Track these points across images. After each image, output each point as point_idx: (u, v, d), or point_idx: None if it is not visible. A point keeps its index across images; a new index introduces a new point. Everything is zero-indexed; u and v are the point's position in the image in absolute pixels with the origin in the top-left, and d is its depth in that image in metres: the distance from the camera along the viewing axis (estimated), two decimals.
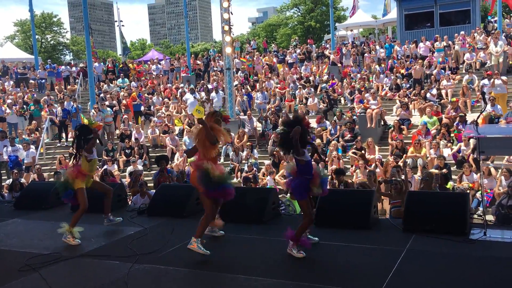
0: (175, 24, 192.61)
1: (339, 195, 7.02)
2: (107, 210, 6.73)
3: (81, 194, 6.27)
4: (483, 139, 5.65)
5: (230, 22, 17.18)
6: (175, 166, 14.42)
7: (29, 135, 17.39)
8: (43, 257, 5.58)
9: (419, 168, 12.81)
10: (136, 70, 26.10)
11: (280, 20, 63.68)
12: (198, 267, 5.15)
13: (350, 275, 4.75)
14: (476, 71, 18.92)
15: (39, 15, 61.28)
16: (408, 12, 26.36)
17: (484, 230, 5.64)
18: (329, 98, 18.05)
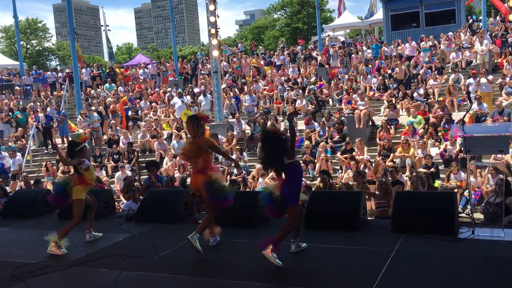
0: (162, 28, 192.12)
1: (327, 196, 7.03)
2: (89, 225, 6.51)
3: (79, 206, 6.15)
4: (469, 138, 5.68)
5: (217, 25, 17.16)
6: (164, 171, 14.34)
7: (15, 142, 17.19)
8: (30, 267, 5.49)
9: (407, 168, 12.88)
10: (123, 74, 25.95)
11: (268, 22, 63.79)
12: (187, 272, 5.11)
13: (339, 277, 4.73)
14: (462, 70, 19.09)
15: (23, 21, 60.78)
16: (394, 13, 26.55)
17: (473, 229, 5.67)
18: (317, 100, 18.09)
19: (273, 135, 5.24)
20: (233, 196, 5.67)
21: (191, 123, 5.66)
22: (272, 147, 5.08)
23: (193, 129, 5.64)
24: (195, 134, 5.65)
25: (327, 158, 13.90)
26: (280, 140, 5.07)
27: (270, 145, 5.11)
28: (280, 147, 5.04)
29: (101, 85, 24.02)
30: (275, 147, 5.05)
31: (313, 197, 6.71)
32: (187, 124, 5.75)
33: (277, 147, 5.04)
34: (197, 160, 5.57)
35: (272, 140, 5.12)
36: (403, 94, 17.29)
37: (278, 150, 5.05)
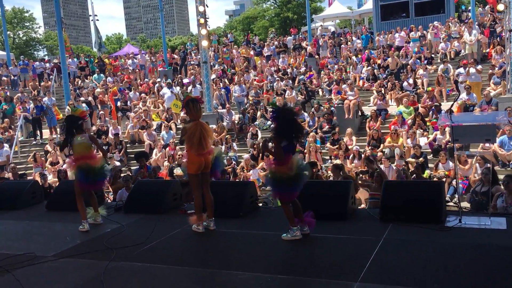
0: (151, 18, 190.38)
1: (316, 186, 7.03)
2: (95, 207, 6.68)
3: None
4: (457, 127, 5.71)
5: (206, 15, 17.04)
6: (153, 162, 14.29)
7: (2, 133, 17.00)
8: (17, 258, 5.43)
9: (396, 157, 12.95)
10: (112, 65, 25.72)
11: (257, 13, 63.50)
12: (175, 263, 5.10)
13: (327, 266, 4.75)
14: (451, 61, 19.17)
15: (9, 10, 59.82)
16: (384, 3, 26.52)
17: (460, 218, 5.71)
18: (307, 90, 18.09)
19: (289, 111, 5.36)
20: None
21: (195, 105, 5.74)
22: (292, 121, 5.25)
23: (197, 112, 5.79)
24: (199, 116, 5.81)
25: (316, 148, 13.93)
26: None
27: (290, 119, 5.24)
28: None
29: (89, 76, 23.78)
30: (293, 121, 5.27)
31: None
32: (191, 107, 5.75)
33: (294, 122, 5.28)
34: (207, 143, 5.81)
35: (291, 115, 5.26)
36: (392, 84, 17.34)
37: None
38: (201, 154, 5.75)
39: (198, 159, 5.76)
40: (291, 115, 5.26)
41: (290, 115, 5.25)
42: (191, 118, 5.83)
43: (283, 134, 5.24)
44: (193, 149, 5.75)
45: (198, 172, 5.81)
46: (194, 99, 5.86)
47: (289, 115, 5.25)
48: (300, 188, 5.30)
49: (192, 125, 5.75)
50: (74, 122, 6.37)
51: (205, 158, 5.79)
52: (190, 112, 5.80)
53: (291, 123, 5.23)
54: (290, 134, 5.24)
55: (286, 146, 5.24)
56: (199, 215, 5.91)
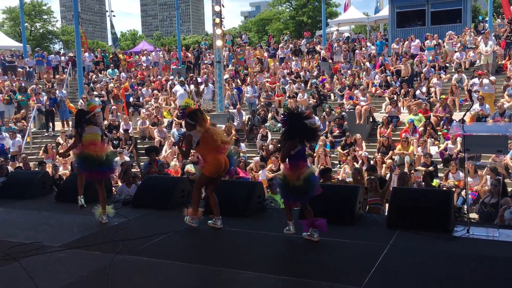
0: (167, 16, 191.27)
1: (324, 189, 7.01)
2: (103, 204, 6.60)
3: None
4: (468, 137, 5.67)
5: (222, 15, 17.10)
6: (162, 158, 14.34)
7: (16, 123, 17.19)
8: (24, 247, 5.50)
9: (406, 165, 12.88)
10: (126, 61, 25.90)
11: (272, 15, 63.49)
12: (180, 259, 5.12)
13: (332, 270, 4.75)
14: (465, 70, 19.03)
15: (28, 3, 60.40)
16: (400, 10, 26.39)
17: (467, 228, 5.67)
18: (319, 94, 18.06)
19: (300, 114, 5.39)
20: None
21: (202, 115, 5.88)
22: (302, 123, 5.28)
23: (205, 120, 5.91)
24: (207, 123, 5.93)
25: (326, 152, 13.90)
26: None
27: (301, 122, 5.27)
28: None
29: (103, 71, 23.97)
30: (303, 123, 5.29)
31: None
32: (199, 116, 5.84)
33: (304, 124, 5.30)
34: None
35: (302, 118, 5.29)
36: (405, 92, 17.26)
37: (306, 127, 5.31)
38: (223, 158, 5.81)
39: (219, 162, 5.79)
40: (302, 118, 5.26)
41: (300, 119, 5.25)
42: (200, 127, 5.80)
43: (291, 138, 5.26)
44: (214, 152, 5.78)
45: (214, 175, 5.85)
46: (199, 110, 6.06)
47: (300, 118, 5.25)
48: (304, 199, 5.31)
49: (205, 130, 5.78)
50: (83, 115, 6.46)
51: (226, 161, 5.84)
52: (199, 121, 5.81)
53: (301, 126, 5.24)
54: (299, 138, 5.25)
55: (297, 150, 5.25)
56: (195, 209, 5.98)
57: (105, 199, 6.62)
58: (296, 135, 5.25)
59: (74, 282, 4.62)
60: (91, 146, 6.33)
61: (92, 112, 6.55)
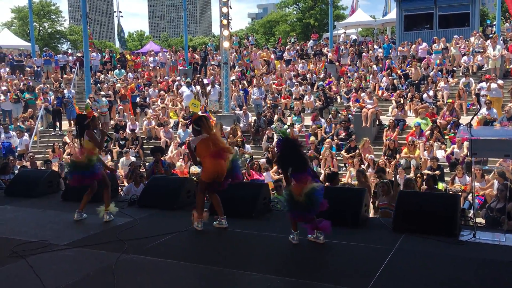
0: (175, 17, 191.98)
1: (329, 192, 7.01)
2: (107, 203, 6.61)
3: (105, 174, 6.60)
4: (476, 141, 5.65)
5: (229, 16, 17.13)
6: (168, 159, 14.38)
7: (23, 122, 17.30)
8: (31, 245, 5.53)
9: (412, 169, 12.84)
10: (133, 61, 26.00)
11: (279, 17, 63.55)
12: (185, 259, 5.13)
13: (337, 272, 4.74)
14: (473, 74, 18.95)
15: (37, 2, 60.80)
16: (408, 13, 26.34)
17: (474, 232, 5.64)
18: (325, 96, 18.04)
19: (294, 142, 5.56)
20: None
21: (207, 122, 5.97)
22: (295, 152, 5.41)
23: (210, 126, 5.95)
24: (211, 130, 5.94)
25: (332, 155, 13.88)
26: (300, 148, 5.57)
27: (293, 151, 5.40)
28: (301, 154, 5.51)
29: (111, 71, 24.08)
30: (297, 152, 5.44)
31: None
32: (204, 122, 5.93)
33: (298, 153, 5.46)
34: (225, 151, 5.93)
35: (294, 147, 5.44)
36: (412, 95, 17.21)
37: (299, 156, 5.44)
38: (219, 163, 5.81)
39: (214, 167, 5.83)
40: (295, 147, 5.45)
41: (294, 147, 5.43)
42: (205, 133, 5.88)
43: (285, 168, 5.49)
44: (211, 157, 5.82)
45: (210, 181, 5.90)
46: (205, 117, 6.11)
47: (293, 147, 5.43)
48: (308, 215, 5.31)
49: (206, 136, 5.86)
50: (84, 120, 6.48)
51: (222, 167, 5.83)
52: (204, 127, 5.89)
53: (294, 156, 5.37)
54: (292, 167, 5.37)
55: (293, 173, 5.36)
56: (200, 212, 6.01)
57: (109, 197, 6.63)
58: (289, 165, 5.41)
59: (80, 281, 4.65)
60: (80, 153, 6.42)
61: (89, 117, 6.52)
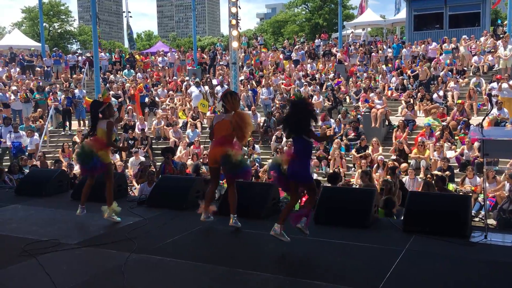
0: (183, 17, 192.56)
1: (340, 192, 6.99)
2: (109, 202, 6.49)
3: (111, 169, 6.46)
4: (487, 141, 5.60)
5: (238, 16, 17.12)
6: (177, 159, 14.41)
7: (34, 122, 17.42)
8: (42, 244, 5.57)
9: (422, 169, 12.76)
10: (142, 61, 26.10)
11: (288, 17, 63.48)
12: (194, 259, 5.13)
13: (347, 273, 4.71)
14: (483, 75, 18.80)
15: (46, 3, 61.22)
16: (418, 13, 26.19)
17: (485, 234, 5.59)
18: (334, 96, 17.99)
19: (303, 103, 5.25)
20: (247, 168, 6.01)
21: (233, 97, 5.86)
22: (302, 114, 5.14)
23: (234, 103, 5.83)
24: (235, 108, 5.84)
25: (341, 155, 13.84)
26: (309, 110, 5.19)
27: (300, 112, 5.14)
28: (309, 116, 5.17)
29: (120, 71, 24.19)
30: (304, 114, 5.14)
31: (325, 193, 6.68)
32: (229, 99, 5.84)
33: (306, 115, 5.14)
34: (233, 134, 5.79)
35: (302, 107, 5.16)
36: (421, 95, 17.11)
37: (306, 119, 5.15)
38: (216, 148, 5.86)
39: (210, 152, 6.04)
40: (305, 106, 5.20)
41: (303, 106, 5.19)
42: (228, 109, 5.91)
43: (287, 121, 5.29)
44: (214, 141, 6.00)
45: (213, 165, 6.00)
46: (233, 92, 6.07)
47: (303, 105, 5.19)
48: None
49: (227, 116, 5.88)
50: (98, 107, 6.38)
51: (214, 151, 5.85)
52: (227, 103, 5.89)
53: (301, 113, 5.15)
54: (294, 124, 5.20)
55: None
56: (206, 204, 6.08)
57: (111, 195, 6.45)
58: (291, 126, 5.24)
59: (90, 280, 4.66)
60: (93, 141, 6.36)
61: (106, 103, 6.42)
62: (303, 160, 5.22)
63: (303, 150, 5.21)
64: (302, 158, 5.20)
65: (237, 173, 5.83)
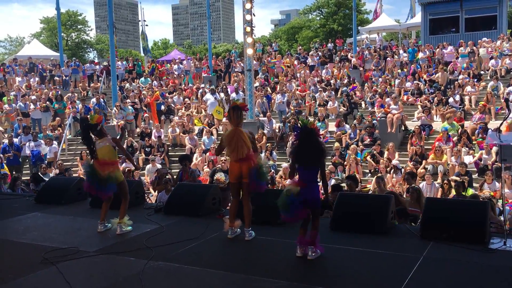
0: (198, 25, 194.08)
1: (356, 199, 6.97)
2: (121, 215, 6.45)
3: (125, 186, 6.48)
4: (505, 147, 5.54)
5: (252, 23, 17.22)
6: (193, 166, 14.50)
7: (52, 131, 17.70)
8: (61, 251, 5.65)
9: (439, 175, 12.64)
10: (158, 69, 26.37)
11: (302, 23, 63.50)
12: (211, 266, 5.17)
13: (364, 281, 4.69)
14: (501, 78, 18.57)
15: (64, 13, 62.25)
16: (433, 17, 26.01)
17: (504, 240, 5.51)
18: (349, 102, 17.94)
19: (310, 132, 5.19)
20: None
21: (236, 112, 5.83)
22: (308, 144, 5.14)
23: (237, 119, 5.85)
24: (238, 123, 5.85)
25: (356, 161, 13.78)
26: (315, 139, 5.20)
27: (307, 142, 5.15)
28: (315, 146, 5.16)
29: (136, 79, 24.46)
30: (310, 144, 5.14)
31: (342, 199, 6.67)
32: (231, 113, 5.89)
33: (312, 145, 5.14)
34: (243, 149, 5.74)
35: (309, 137, 5.15)
36: (438, 100, 16.96)
37: (313, 148, 5.14)
38: (237, 161, 5.81)
39: (234, 166, 5.88)
40: (311, 133, 5.16)
41: (309, 133, 5.15)
42: (231, 124, 5.98)
43: (295, 152, 5.30)
44: (230, 156, 5.92)
45: (235, 181, 5.92)
46: (236, 107, 5.93)
47: (309, 133, 5.15)
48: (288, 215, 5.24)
49: (230, 132, 5.89)
50: (92, 129, 6.36)
51: (242, 166, 5.79)
52: (230, 119, 5.97)
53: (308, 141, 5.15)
54: (302, 154, 5.18)
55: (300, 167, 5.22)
56: (231, 220, 6.02)
57: (124, 210, 6.45)
58: (298, 156, 5.23)
59: (109, 287, 4.73)
60: (101, 164, 6.29)
61: (99, 123, 6.39)
62: (313, 186, 5.20)
63: (312, 177, 5.22)
64: (311, 184, 5.19)
65: (262, 185, 5.90)
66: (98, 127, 6.38)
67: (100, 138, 6.41)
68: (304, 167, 5.18)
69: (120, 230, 6.37)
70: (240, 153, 5.73)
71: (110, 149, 6.35)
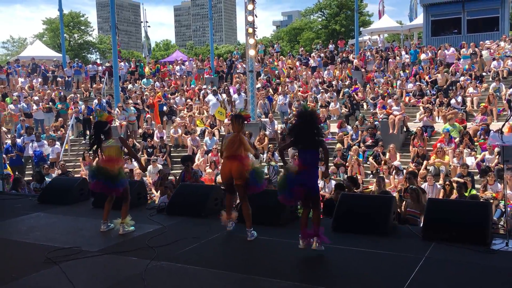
0: (200, 26, 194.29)
1: (358, 200, 6.98)
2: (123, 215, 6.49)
3: (128, 186, 6.57)
4: (508, 148, 5.55)
5: (255, 24, 17.23)
6: (195, 167, 14.51)
7: (55, 131, 17.74)
8: (64, 251, 5.68)
9: (441, 176, 12.63)
10: (160, 70, 26.42)
11: (304, 24, 63.53)
12: (214, 266, 5.18)
13: (366, 281, 4.70)
14: (503, 79, 18.56)
15: (66, 14, 62.39)
16: (435, 18, 26.01)
17: (507, 241, 5.52)
18: (351, 103, 17.94)
19: (311, 115, 5.32)
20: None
21: (237, 120, 6.01)
22: (309, 126, 5.24)
23: (238, 126, 6.02)
24: (239, 131, 6.03)
25: (359, 162, 13.78)
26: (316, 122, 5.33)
27: (310, 124, 5.25)
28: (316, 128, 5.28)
29: (138, 80, 24.51)
30: (311, 126, 5.24)
31: (344, 199, 6.68)
32: (233, 121, 6.09)
33: (312, 127, 5.25)
34: (239, 149, 5.92)
35: (310, 120, 5.26)
36: (440, 101, 16.95)
37: (313, 130, 5.25)
38: (228, 159, 5.96)
39: (225, 166, 6.04)
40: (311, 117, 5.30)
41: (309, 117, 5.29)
42: (233, 130, 6.14)
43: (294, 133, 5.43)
44: (224, 154, 6.08)
45: (226, 181, 6.10)
46: (239, 116, 6.11)
47: (309, 116, 5.29)
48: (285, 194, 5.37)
49: (232, 136, 6.04)
50: (102, 127, 6.45)
51: (232, 165, 5.91)
52: (232, 126, 6.16)
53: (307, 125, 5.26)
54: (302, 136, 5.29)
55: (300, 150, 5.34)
56: (228, 212, 6.25)
57: (126, 210, 6.50)
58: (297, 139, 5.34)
59: (111, 287, 4.75)
60: (108, 161, 6.36)
61: (110, 121, 6.58)
62: (312, 171, 5.30)
63: (311, 160, 5.28)
64: (311, 168, 5.27)
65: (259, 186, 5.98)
66: (107, 126, 6.48)
67: (107, 137, 6.47)
68: (304, 149, 5.29)
69: (123, 230, 6.41)
70: (233, 150, 5.90)
71: (117, 149, 6.45)
